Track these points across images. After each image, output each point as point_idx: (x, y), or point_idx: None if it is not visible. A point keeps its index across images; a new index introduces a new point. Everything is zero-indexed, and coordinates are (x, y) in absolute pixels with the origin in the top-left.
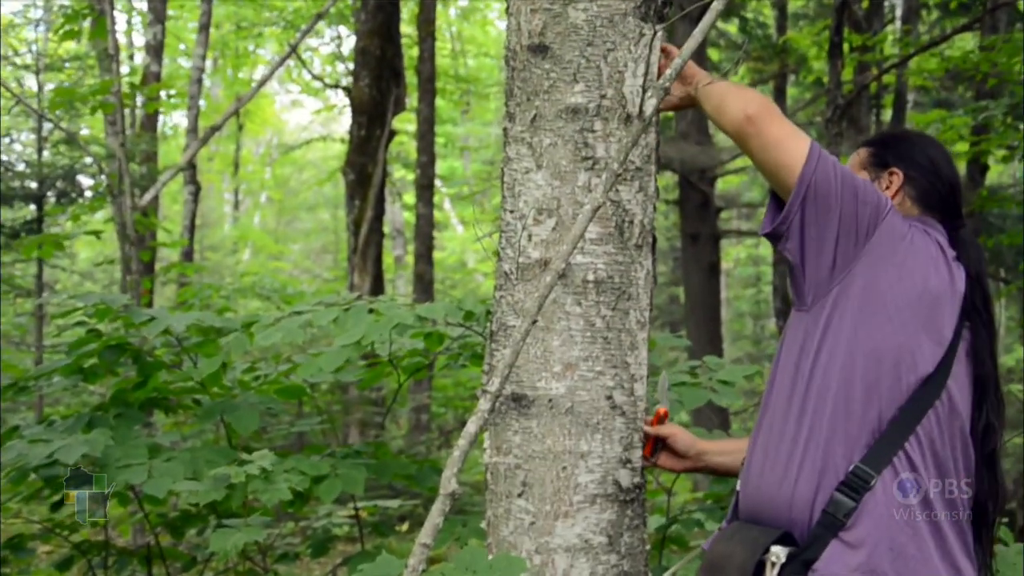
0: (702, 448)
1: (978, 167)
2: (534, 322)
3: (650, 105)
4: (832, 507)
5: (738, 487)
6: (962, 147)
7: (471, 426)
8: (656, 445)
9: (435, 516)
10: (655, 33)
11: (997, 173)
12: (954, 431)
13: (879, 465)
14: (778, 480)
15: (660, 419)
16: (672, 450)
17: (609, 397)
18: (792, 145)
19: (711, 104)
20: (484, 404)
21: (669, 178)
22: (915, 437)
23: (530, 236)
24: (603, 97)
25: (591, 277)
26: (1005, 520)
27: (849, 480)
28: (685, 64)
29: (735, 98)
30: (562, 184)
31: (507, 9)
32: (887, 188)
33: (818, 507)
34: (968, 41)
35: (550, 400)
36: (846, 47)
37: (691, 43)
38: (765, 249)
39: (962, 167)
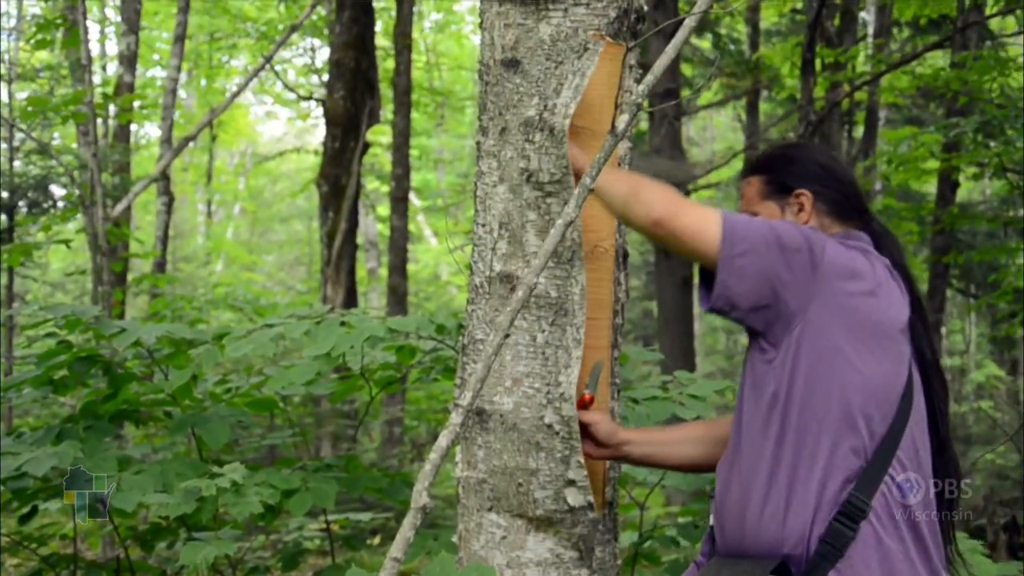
0: (624, 438)
1: (949, 184)
2: (506, 336)
3: (622, 121)
4: (832, 537)
5: (712, 521)
6: (933, 164)
7: (443, 440)
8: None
9: (406, 530)
10: (628, 49)
11: (967, 190)
12: (923, 434)
13: (870, 492)
14: (765, 515)
15: (584, 405)
16: (593, 438)
17: (541, 416)
18: (703, 233)
19: (615, 206)
20: (456, 418)
21: None
22: (897, 461)
23: (494, 249)
24: (545, 109)
25: (534, 291)
26: (979, 540)
27: (846, 509)
28: (656, 80)
29: (637, 203)
30: (514, 197)
31: (481, 24)
32: (800, 211)
33: (815, 538)
34: (939, 59)
35: (502, 416)
36: (818, 64)
37: (663, 59)
38: None
39: (933, 184)
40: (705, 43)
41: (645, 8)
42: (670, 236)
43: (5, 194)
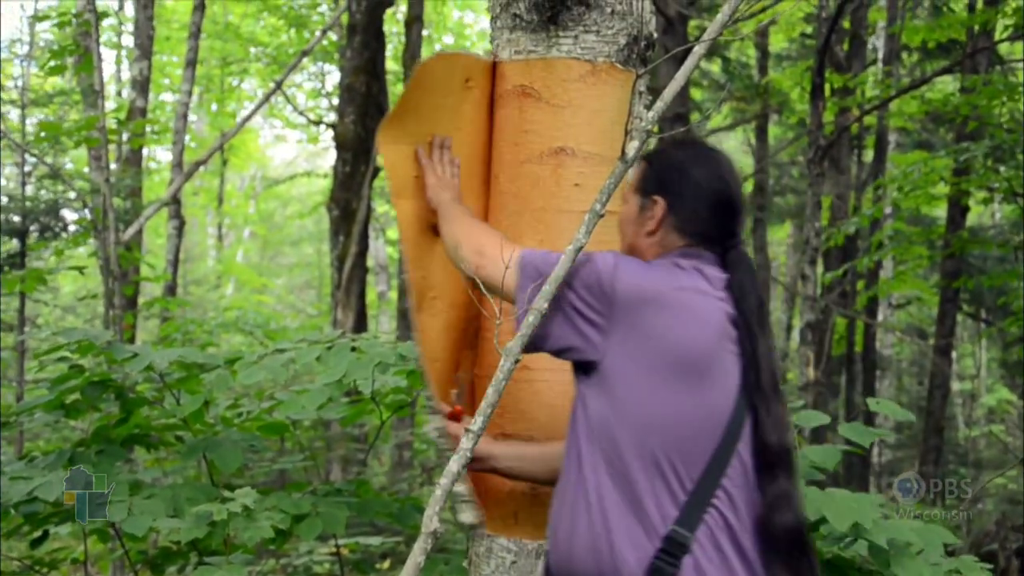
0: (489, 452)
1: (959, 209)
2: (516, 362)
3: (632, 147)
4: (654, 575)
5: (547, 546)
6: (943, 189)
7: (453, 464)
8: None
9: (417, 554)
10: (638, 76)
11: (977, 215)
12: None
13: (692, 526)
14: (590, 548)
15: (454, 417)
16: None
17: None
18: (506, 281)
19: (449, 255)
20: (466, 443)
21: None
22: (723, 491)
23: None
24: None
25: None
26: (990, 565)
27: (667, 546)
28: (666, 106)
29: (458, 255)
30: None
31: (491, 51)
32: (651, 218)
33: (642, 572)
34: (949, 84)
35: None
36: (828, 88)
37: (673, 86)
38: None
39: (943, 209)
40: (715, 67)
41: (655, 35)
42: (485, 286)
43: (17, 218)
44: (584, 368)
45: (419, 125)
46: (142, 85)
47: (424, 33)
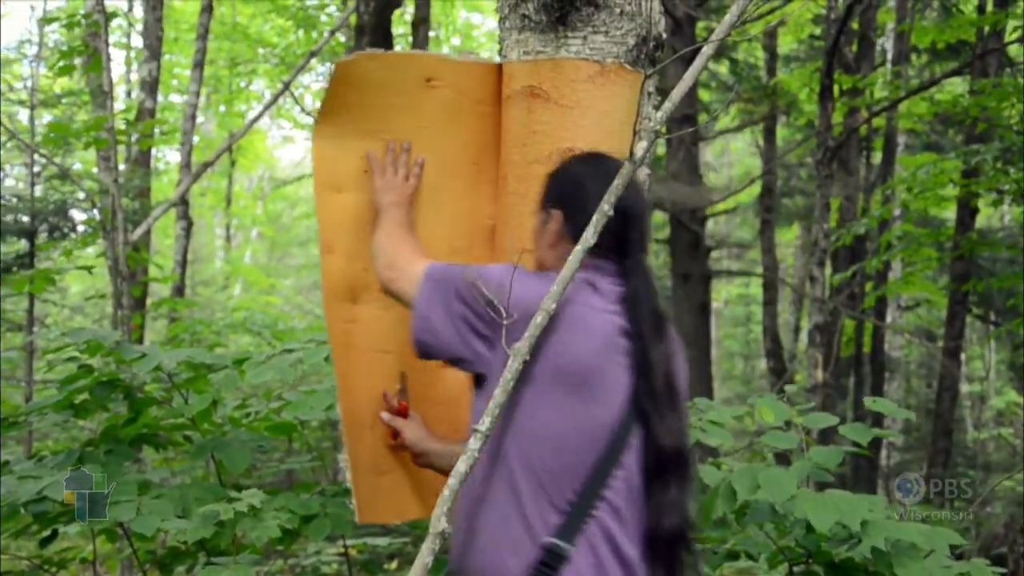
0: (427, 448)
1: (968, 211)
2: (524, 362)
3: (640, 148)
4: None
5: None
6: (952, 191)
7: (461, 465)
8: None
9: (425, 555)
10: (646, 76)
11: (987, 216)
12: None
13: (572, 538)
14: (486, 552)
15: (399, 412)
16: (403, 443)
17: None
18: (407, 295)
19: (372, 251)
20: (474, 443)
21: (660, 217)
22: (604, 502)
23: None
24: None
25: None
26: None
27: (546, 557)
28: (674, 107)
29: (377, 268)
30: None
31: (500, 51)
32: (551, 232)
33: None
34: (958, 85)
35: None
36: (836, 90)
37: (682, 87)
38: (755, 289)
39: (952, 210)
40: (723, 68)
41: (664, 36)
42: (397, 299)
43: (26, 219)
44: (477, 380)
45: (365, 123)
46: (151, 86)
47: (432, 34)
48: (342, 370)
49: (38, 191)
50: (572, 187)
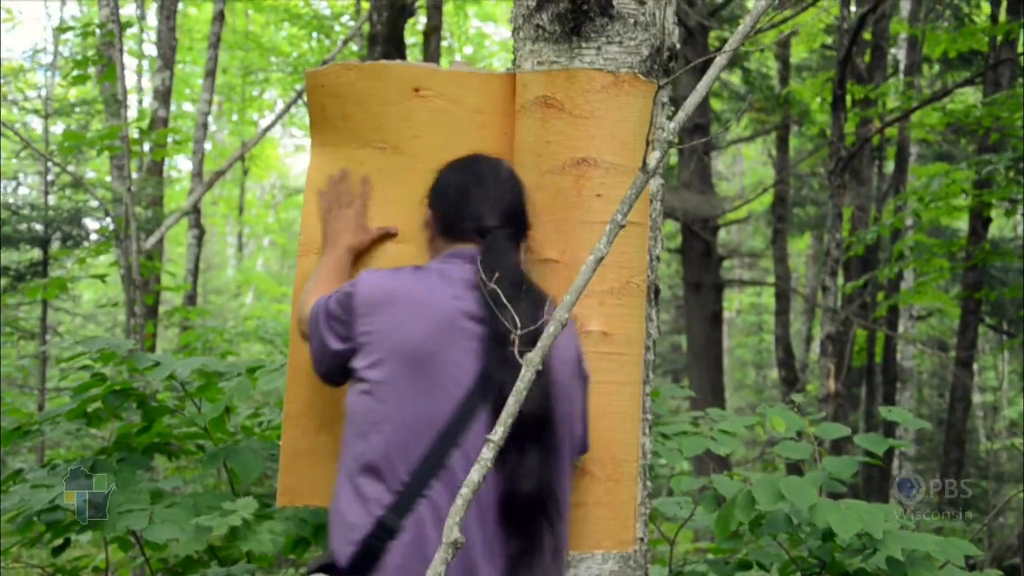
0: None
1: (980, 220)
2: (537, 372)
3: (653, 158)
4: (364, 551)
5: None
6: (964, 201)
7: (474, 474)
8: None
9: (437, 565)
10: (660, 87)
11: (999, 226)
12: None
13: (402, 514)
14: (335, 521)
15: None
16: None
17: None
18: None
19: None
20: (487, 453)
21: (672, 227)
22: (439, 481)
23: None
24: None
25: None
26: None
27: (376, 530)
28: (688, 116)
29: (294, 307)
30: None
31: (514, 61)
32: (426, 228)
33: (358, 547)
34: (970, 95)
35: None
36: (849, 99)
37: (695, 97)
38: (767, 298)
39: (964, 220)
40: (735, 78)
41: (677, 46)
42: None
43: (40, 227)
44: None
45: (355, 132)
46: (164, 95)
47: (445, 44)
48: (294, 360)
49: (52, 200)
50: (441, 188)
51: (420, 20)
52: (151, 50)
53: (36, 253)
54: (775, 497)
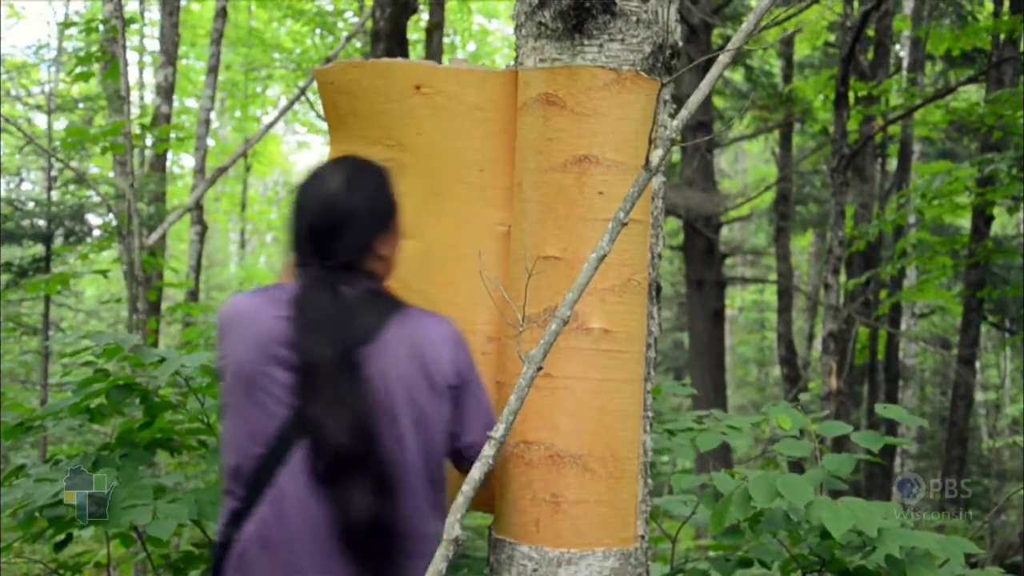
0: None
1: (983, 218)
2: (539, 369)
3: (656, 156)
4: (215, 557)
5: None
6: (967, 199)
7: (475, 472)
8: None
9: (438, 561)
10: (662, 85)
11: (1002, 224)
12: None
13: (239, 526)
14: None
15: None
16: None
17: None
18: None
19: None
20: (488, 450)
21: (674, 224)
22: (267, 499)
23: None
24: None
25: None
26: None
27: (222, 538)
28: (690, 114)
29: None
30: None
31: (516, 58)
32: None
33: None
34: (973, 93)
35: None
36: (852, 97)
37: (697, 95)
38: (769, 295)
39: (967, 218)
40: (738, 75)
41: (680, 43)
42: None
43: (42, 223)
44: None
45: (367, 129)
46: (167, 91)
47: (447, 40)
48: None
49: (55, 195)
50: (295, 206)
51: (423, 16)
52: (154, 46)
53: (39, 249)
54: (772, 495)
